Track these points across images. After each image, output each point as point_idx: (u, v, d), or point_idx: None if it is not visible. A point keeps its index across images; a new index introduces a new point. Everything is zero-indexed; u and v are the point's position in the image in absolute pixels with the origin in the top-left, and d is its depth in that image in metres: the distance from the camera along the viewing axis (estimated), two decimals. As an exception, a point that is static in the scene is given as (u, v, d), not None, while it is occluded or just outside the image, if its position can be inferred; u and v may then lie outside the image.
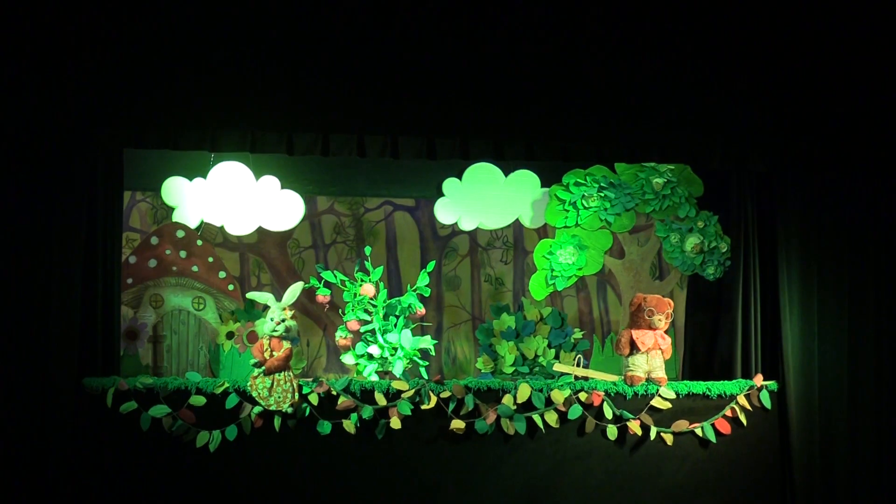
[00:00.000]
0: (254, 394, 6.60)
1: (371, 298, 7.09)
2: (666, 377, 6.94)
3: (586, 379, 6.97)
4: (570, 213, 7.49)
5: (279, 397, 6.60)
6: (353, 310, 7.09)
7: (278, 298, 6.78)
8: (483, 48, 6.89)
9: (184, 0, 6.67)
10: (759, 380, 7.06)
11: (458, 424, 6.71)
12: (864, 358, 7.09)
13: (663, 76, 7.01)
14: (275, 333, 6.68)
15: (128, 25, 6.62)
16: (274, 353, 6.65)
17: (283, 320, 6.69)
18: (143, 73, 6.63)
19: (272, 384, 6.61)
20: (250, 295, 6.91)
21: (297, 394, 6.62)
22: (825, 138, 7.14)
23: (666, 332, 7.03)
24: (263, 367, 6.59)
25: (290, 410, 6.62)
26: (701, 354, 7.54)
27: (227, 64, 6.70)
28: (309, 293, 7.38)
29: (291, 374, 6.65)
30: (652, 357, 6.93)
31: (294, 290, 6.76)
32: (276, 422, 6.63)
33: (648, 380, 6.90)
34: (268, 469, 6.66)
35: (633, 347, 6.94)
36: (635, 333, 6.95)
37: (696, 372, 7.45)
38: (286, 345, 6.69)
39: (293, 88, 6.77)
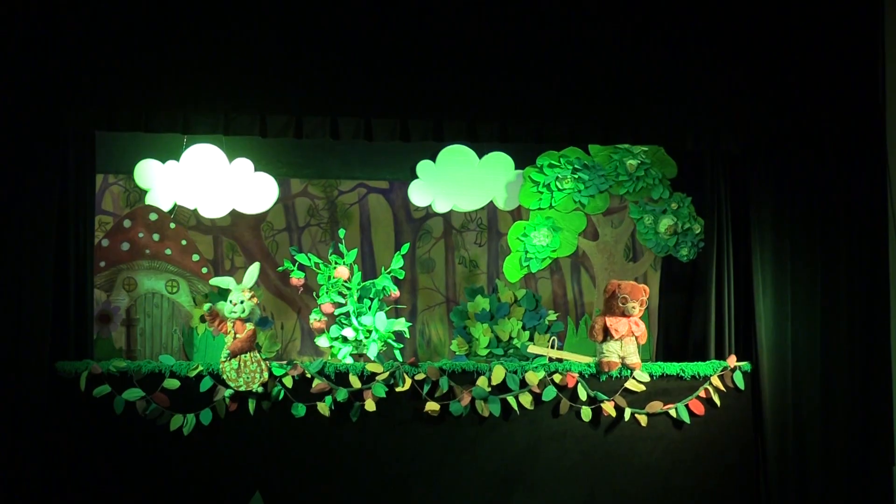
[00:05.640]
0: (224, 377, 6.60)
1: (345, 281, 7.08)
2: (640, 362, 6.93)
3: (560, 361, 6.98)
4: (543, 194, 7.49)
5: (248, 378, 6.59)
6: (327, 292, 7.08)
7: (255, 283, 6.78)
8: (456, 30, 6.87)
9: (155, -19, 6.65)
10: (732, 361, 7.08)
11: (432, 406, 6.72)
12: (837, 338, 7.12)
13: (636, 57, 7.00)
14: (233, 315, 6.65)
15: (99, 5, 6.57)
16: (237, 335, 6.64)
17: (242, 301, 6.66)
18: (115, 54, 6.59)
19: (239, 366, 6.60)
20: (213, 281, 6.87)
21: (265, 373, 6.62)
22: (798, 119, 7.15)
23: (640, 316, 7.03)
24: (228, 352, 6.60)
25: (259, 390, 6.61)
26: (675, 336, 7.56)
27: (199, 45, 6.66)
28: (283, 276, 7.36)
29: (259, 354, 6.66)
30: (626, 343, 6.92)
31: (252, 272, 6.72)
32: (251, 405, 6.62)
33: (623, 365, 6.91)
34: (242, 452, 6.65)
35: (607, 334, 6.94)
36: (609, 320, 6.92)
37: (669, 353, 7.47)
38: (249, 326, 6.67)
39: (266, 70, 6.74)
